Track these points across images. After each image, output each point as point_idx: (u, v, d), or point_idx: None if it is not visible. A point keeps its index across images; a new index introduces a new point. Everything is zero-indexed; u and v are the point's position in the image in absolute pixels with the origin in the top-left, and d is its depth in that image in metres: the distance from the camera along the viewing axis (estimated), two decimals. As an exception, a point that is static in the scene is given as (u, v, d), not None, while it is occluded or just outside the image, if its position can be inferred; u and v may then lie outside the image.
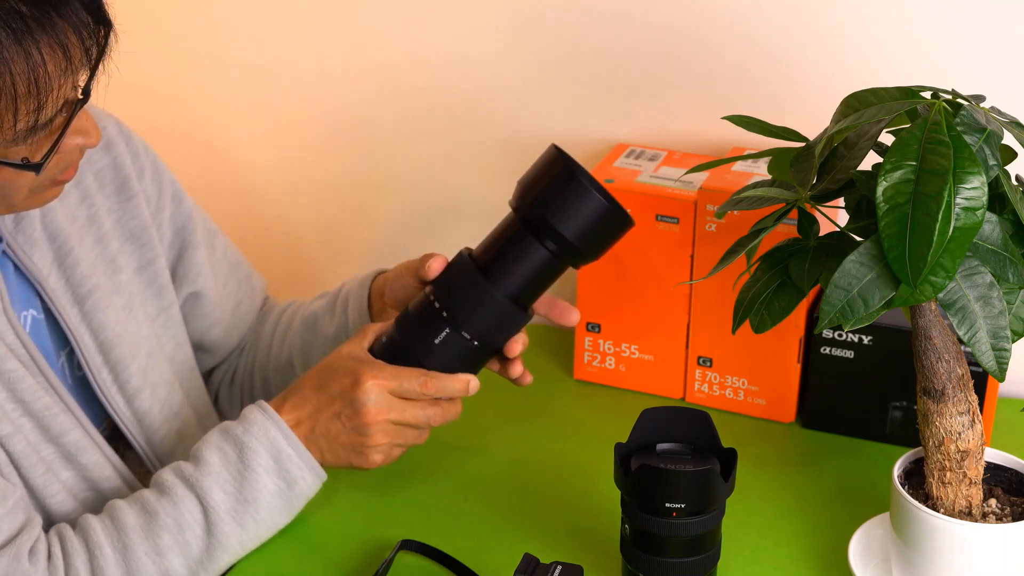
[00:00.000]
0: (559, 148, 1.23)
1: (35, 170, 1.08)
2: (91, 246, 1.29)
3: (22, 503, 1.16)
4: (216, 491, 1.20)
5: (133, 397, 1.30)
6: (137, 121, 1.42)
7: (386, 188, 1.71)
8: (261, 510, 1.21)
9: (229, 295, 1.46)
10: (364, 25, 1.64)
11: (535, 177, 1.23)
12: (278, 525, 1.24)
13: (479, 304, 1.24)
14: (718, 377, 1.46)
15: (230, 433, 1.22)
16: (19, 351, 1.20)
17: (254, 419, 1.23)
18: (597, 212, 1.21)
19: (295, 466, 1.22)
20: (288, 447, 1.22)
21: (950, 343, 1.09)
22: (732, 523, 1.19)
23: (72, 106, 1.09)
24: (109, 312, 1.28)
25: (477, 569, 1.22)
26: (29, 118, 1.04)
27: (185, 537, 1.19)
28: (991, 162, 1.01)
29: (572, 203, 1.21)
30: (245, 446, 1.21)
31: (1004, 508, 1.13)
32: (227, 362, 1.51)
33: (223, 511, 1.20)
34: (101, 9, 1.08)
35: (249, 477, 1.20)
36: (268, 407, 1.24)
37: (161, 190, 1.37)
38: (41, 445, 1.21)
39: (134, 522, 1.18)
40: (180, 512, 1.19)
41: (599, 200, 1.21)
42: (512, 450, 1.41)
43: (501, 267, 1.24)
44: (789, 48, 1.47)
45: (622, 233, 1.25)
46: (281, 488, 1.22)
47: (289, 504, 1.23)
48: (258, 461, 1.21)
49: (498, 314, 1.24)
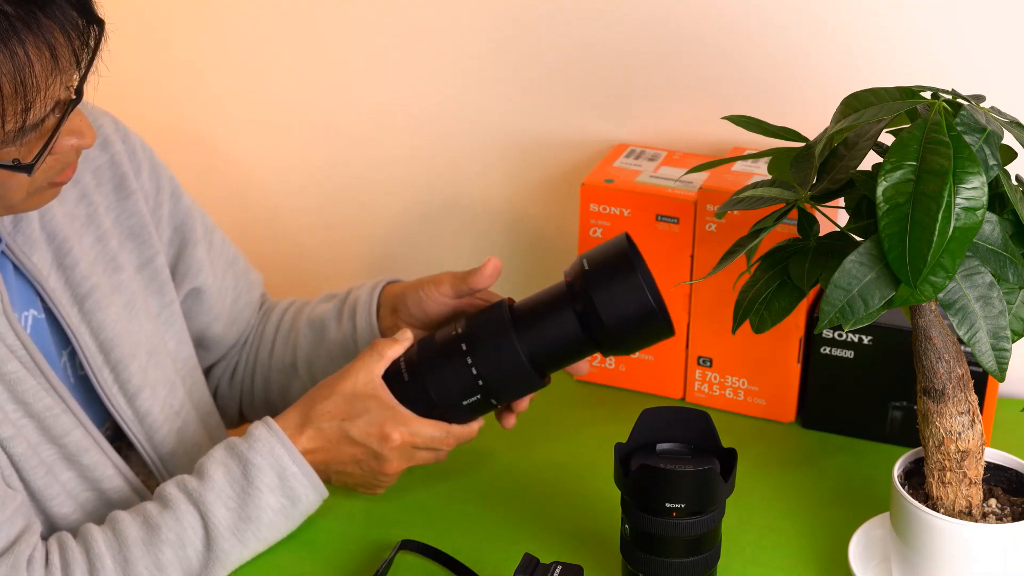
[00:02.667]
0: (629, 238, 1.23)
1: (27, 171, 1.07)
2: (91, 245, 1.29)
3: (22, 509, 1.16)
4: (219, 507, 1.20)
5: (134, 396, 1.30)
6: (135, 119, 1.41)
7: (385, 188, 1.71)
8: (263, 527, 1.21)
9: (227, 290, 1.46)
10: (363, 24, 1.64)
11: (598, 255, 1.23)
12: (276, 539, 1.24)
13: (506, 364, 1.23)
14: (718, 377, 1.46)
15: (236, 450, 1.22)
16: (19, 352, 1.20)
17: (259, 436, 1.22)
18: (641, 311, 1.20)
19: (299, 484, 1.22)
20: (293, 465, 1.22)
21: (950, 343, 1.09)
22: (732, 523, 1.19)
23: (64, 107, 1.08)
24: (109, 311, 1.28)
25: (477, 569, 1.22)
26: (17, 119, 1.04)
27: (186, 552, 1.19)
28: (991, 162, 1.01)
29: (622, 293, 1.21)
30: (250, 463, 1.21)
31: (1004, 508, 1.13)
32: (226, 359, 1.50)
33: (224, 527, 1.20)
34: (90, 7, 1.07)
35: (252, 494, 1.21)
36: (274, 425, 1.24)
37: (159, 187, 1.37)
38: (42, 447, 1.21)
39: (136, 535, 1.18)
40: (182, 527, 1.19)
41: (648, 301, 1.20)
42: (512, 450, 1.41)
43: (532, 324, 1.24)
44: (789, 48, 1.47)
45: (658, 339, 1.24)
46: (284, 506, 1.22)
47: (290, 521, 1.24)
48: (262, 479, 1.21)
49: (518, 375, 1.24)
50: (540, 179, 1.62)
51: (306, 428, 1.24)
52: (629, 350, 1.24)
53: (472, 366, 1.23)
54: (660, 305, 1.21)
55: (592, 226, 1.45)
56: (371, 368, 1.25)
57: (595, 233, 1.45)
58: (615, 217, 1.43)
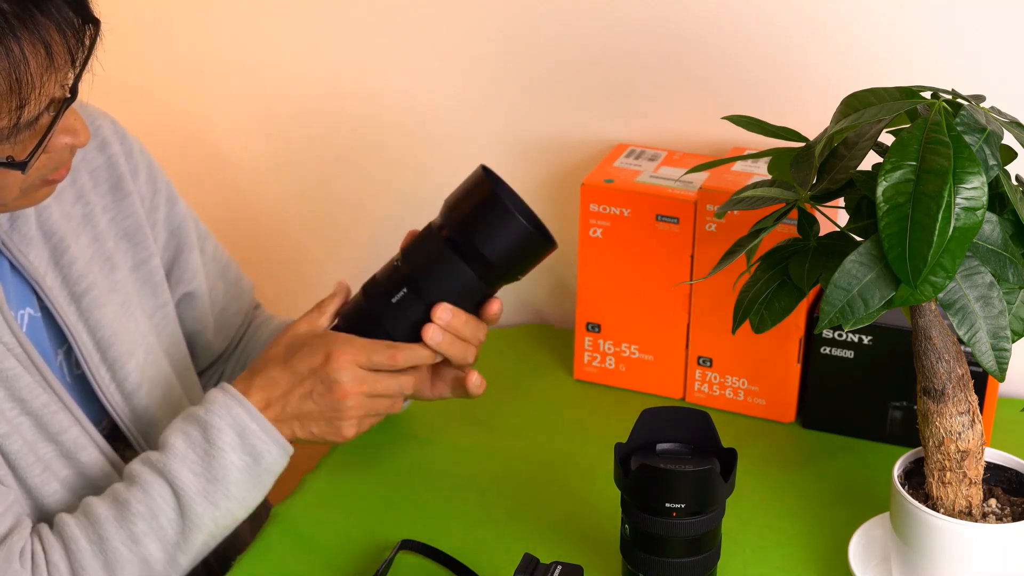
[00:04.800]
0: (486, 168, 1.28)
1: (21, 169, 1.08)
2: (87, 244, 1.29)
3: (14, 507, 1.17)
4: (184, 472, 1.20)
5: (131, 394, 1.30)
6: (132, 119, 1.41)
7: (384, 188, 1.71)
8: (231, 486, 1.21)
9: (217, 298, 1.46)
10: (363, 24, 1.64)
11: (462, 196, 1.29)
12: (248, 501, 1.23)
13: (429, 251, 1.28)
14: (718, 377, 1.46)
15: (193, 415, 1.23)
16: (16, 350, 1.20)
17: (215, 399, 1.23)
18: (522, 238, 1.26)
19: (260, 440, 1.22)
20: (252, 423, 1.22)
21: (950, 343, 1.09)
22: (732, 523, 1.19)
23: (59, 105, 1.08)
24: (106, 310, 1.29)
25: (477, 569, 1.22)
26: (12, 116, 1.04)
27: (159, 522, 1.19)
28: (991, 162, 1.01)
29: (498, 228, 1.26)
30: (209, 425, 1.21)
31: (1004, 508, 1.13)
32: (214, 367, 1.51)
33: (194, 492, 1.20)
34: (86, 6, 1.08)
35: (216, 455, 1.21)
36: (230, 387, 1.24)
37: (155, 190, 1.37)
38: (39, 444, 1.21)
39: (106, 513, 1.18)
40: (151, 498, 1.19)
41: (524, 226, 1.25)
42: (512, 450, 1.41)
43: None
44: (789, 48, 1.47)
45: (543, 255, 1.29)
46: (248, 463, 1.22)
47: (258, 479, 1.23)
48: (223, 439, 1.21)
49: (438, 254, 1.28)
50: (540, 179, 1.62)
51: (254, 379, 1.25)
52: (517, 275, 1.29)
53: (398, 264, 1.28)
54: (537, 224, 1.27)
55: (592, 226, 1.45)
56: (312, 319, 1.29)
57: (595, 233, 1.45)
58: (615, 217, 1.43)
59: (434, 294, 1.27)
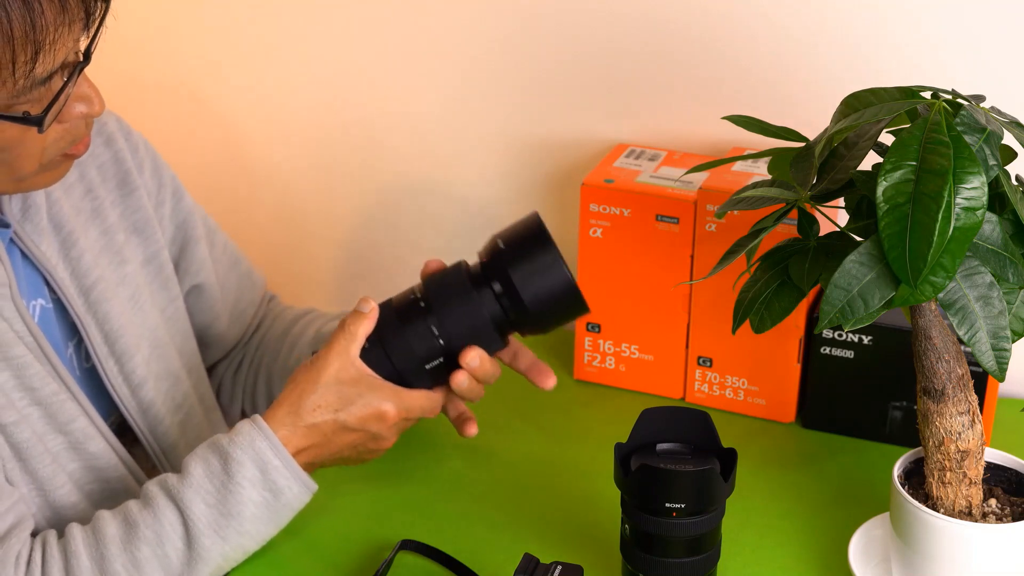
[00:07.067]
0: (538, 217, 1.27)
1: (38, 124, 1.08)
2: (96, 238, 1.30)
3: (17, 506, 1.16)
4: (198, 503, 1.17)
5: (138, 388, 1.30)
6: (146, 114, 1.42)
7: (385, 187, 1.71)
8: (245, 522, 1.19)
9: (229, 290, 1.46)
10: (364, 25, 1.64)
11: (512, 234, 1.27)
12: (263, 535, 1.21)
13: (469, 322, 1.27)
14: (718, 377, 1.46)
15: (217, 444, 1.20)
16: (27, 338, 1.20)
17: (241, 430, 1.20)
18: (561, 289, 1.25)
19: (281, 476, 1.19)
20: (275, 458, 1.19)
21: (950, 343, 1.09)
22: (732, 523, 1.19)
23: (72, 68, 1.09)
24: (114, 303, 1.29)
25: (477, 569, 1.22)
26: (27, 67, 1.05)
27: (164, 550, 1.17)
28: (991, 162, 1.01)
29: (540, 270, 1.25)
30: (230, 457, 1.19)
31: (1004, 508, 1.13)
32: (228, 358, 1.51)
33: (204, 524, 1.17)
34: None
35: (233, 490, 1.18)
36: (260, 420, 1.21)
37: (161, 185, 1.38)
38: (48, 435, 1.21)
39: (114, 532, 1.17)
40: (160, 525, 1.17)
41: (567, 276, 1.24)
42: (512, 450, 1.41)
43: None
44: (789, 48, 1.47)
45: (575, 316, 1.28)
46: (267, 499, 1.19)
47: (276, 515, 1.21)
48: (243, 473, 1.18)
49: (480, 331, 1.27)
50: (540, 179, 1.62)
51: (299, 426, 1.22)
52: (546, 328, 1.28)
53: (432, 327, 1.26)
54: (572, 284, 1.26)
55: (592, 226, 1.45)
56: (347, 350, 1.25)
57: (595, 233, 1.45)
58: (615, 217, 1.43)
59: (460, 339, 1.26)
